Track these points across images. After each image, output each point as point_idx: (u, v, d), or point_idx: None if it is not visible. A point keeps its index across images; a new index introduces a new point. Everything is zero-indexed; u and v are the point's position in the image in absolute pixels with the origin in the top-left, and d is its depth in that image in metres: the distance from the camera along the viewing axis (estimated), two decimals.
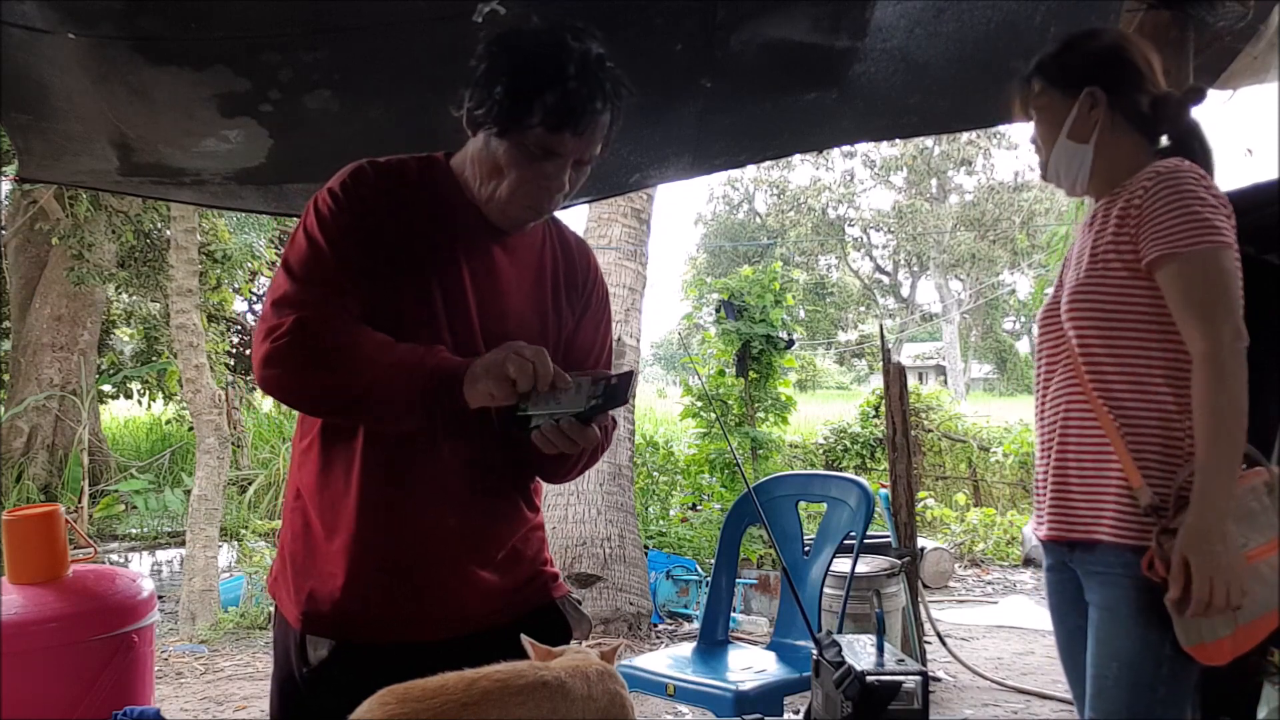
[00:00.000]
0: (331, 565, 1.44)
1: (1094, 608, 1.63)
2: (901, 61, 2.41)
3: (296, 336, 1.34)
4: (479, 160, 1.44)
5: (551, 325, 1.54)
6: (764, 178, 30.70)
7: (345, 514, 1.44)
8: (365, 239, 1.41)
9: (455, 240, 1.46)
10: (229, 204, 3.12)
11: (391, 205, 1.44)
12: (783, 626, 3.20)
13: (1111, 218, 1.61)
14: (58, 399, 9.09)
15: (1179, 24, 2.19)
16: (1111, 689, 1.58)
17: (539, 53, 1.37)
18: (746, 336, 7.88)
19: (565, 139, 1.38)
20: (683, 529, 7.03)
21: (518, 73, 1.36)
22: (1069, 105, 1.67)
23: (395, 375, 1.33)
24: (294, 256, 1.41)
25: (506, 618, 1.47)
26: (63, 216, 8.48)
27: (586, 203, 4.49)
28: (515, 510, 1.53)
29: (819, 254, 32.35)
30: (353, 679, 1.25)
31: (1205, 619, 1.48)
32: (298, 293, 1.37)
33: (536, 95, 1.35)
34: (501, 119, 1.37)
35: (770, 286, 8.01)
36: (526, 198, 1.43)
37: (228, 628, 5.67)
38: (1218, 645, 1.50)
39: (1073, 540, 1.65)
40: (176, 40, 2.17)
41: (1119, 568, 1.57)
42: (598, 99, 1.37)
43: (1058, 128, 1.69)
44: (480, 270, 1.47)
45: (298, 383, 1.38)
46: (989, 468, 9.78)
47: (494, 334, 1.45)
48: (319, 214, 1.42)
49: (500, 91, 1.36)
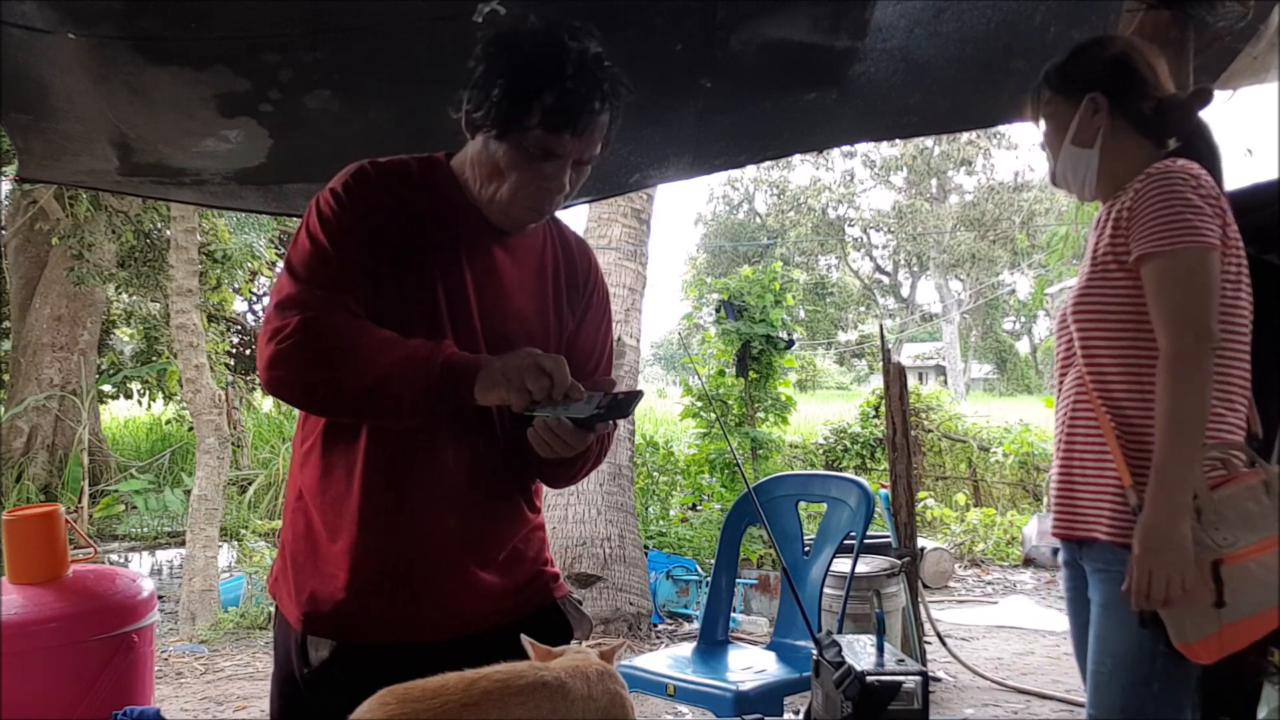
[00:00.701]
0: (333, 566, 1.44)
1: (1093, 604, 1.67)
2: (901, 61, 2.41)
3: (301, 336, 1.33)
4: (479, 162, 1.44)
5: (553, 326, 1.54)
6: (764, 178, 30.72)
7: (347, 515, 1.43)
8: (367, 238, 1.41)
9: (457, 240, 1.46)
10: (229, 204, 3.12)
11: (393, 205, 1.44)
12: (783, 626, 3.20)
13: (1109, 220, 1.64)
14: (58, 399, 9.09)
15: (1179, 24, 2.19)
16: (1107, 684, 1.61)
17: (536, 54, 1.36)
18: (746, 336, 7.88)
19: (564, 140, 1.37)
20: (683, 529, 7.03)
21: (515, 74, 1.36)
22: (1072, 111, 1.70)
23: (404, 370, 1.33)
24: (297, 258, 1.41)
25: (508, 618, 1.47)
26: (63, 216, 8.48)
27: (586, 203, 4.49)
28: (516, 511, 1.53)
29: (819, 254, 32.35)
30: (354, 680, 1.25)
31: (1189, 617, 1.50)
32: (301, 294, 1.37)
33: (535, 97, 1.34)
34: (500, 121, 1.37)
35: (770, 286, 8.01)
36: (527, 199, 1.43)
37: (228, 628, 5.67)
38: (1204, 644, 1.51)
39: (1077, 538, 1.69)
40: (176, 40, 2.17)
41: (1116, 565, 1.59)
42: (596, 99, 1.37)
43: (1064, 133, 1.71)
44: (482, 270, 1.47)
45: (304, 382, 1.37)
46: (989, 468, 9.78)
47: (496, 334, 1.45)
48: (321, 214, 1.41)
49: (498, 94, 1.36)
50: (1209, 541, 1.51)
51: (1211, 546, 1.51)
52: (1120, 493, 1.59)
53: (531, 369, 1.30)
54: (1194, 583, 1.49)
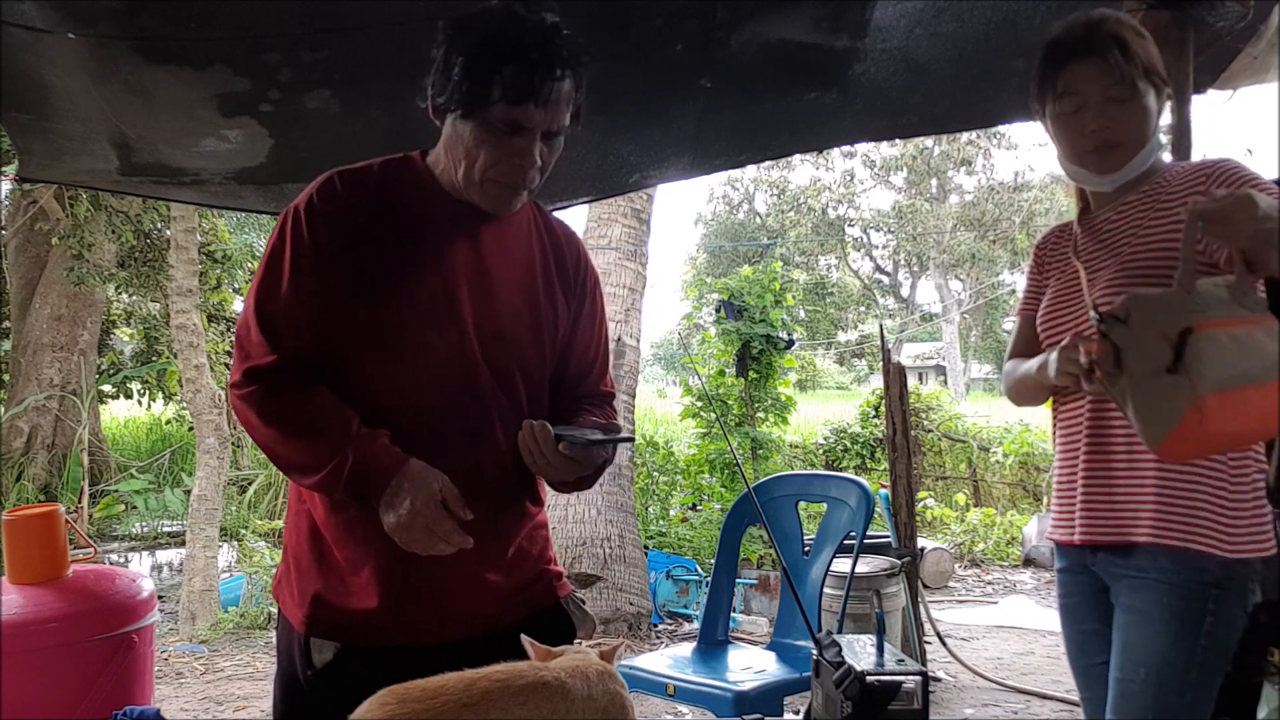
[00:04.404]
0: (336, 568, 1.44)
1: (1122, 610, 1.60)
2: (901, 61, 2.41)
3: (250, 400, 1.41)
4: (450, 146, 1.44)
5: (546, 316, 1.53)
6: (764, 178, 30.68)
7: (349, 518, 1.43)
8: (337, 255, 1.41)
9: (438, 237, 1.46)
10: (229, 204, 3.12)
11: (364, 214, 1.44)
12: (783, 626, 3.20)
13: (1170, 210, 1.58)
14: (58, 399, 9.09)
15: (1179, 24, 2.19)
16: (1138, 694, 1.55)
17: (492, 30, 1.37)
18: (746, 336, 7.87)
19: (529, 111, 1.37)
20: (683, 529, 7.03)
21: (473, 52, 1.36)
22: (1156, 102, 1.62)
23: (319, 462, 1.38)
24: (259, 290, 1.43)
25: (511, 619, 1.46)
26: (63, 216, 8.47)
27: (586, 203, 4.48)
28: (520, 507, 1.53)
29: (819, 254, 32.32)
30: (357, 682, 1.25)
31: (1164, 400, 1.38)
32: (259, 344, 1.41)
33: (494, 71, 1.35)
34: (463, 100, 1.38)
35: (770, 286, 8.01)
36: (501, 175, 1.42)
37: (228, 628, 5.67)
38: (1182, 426, 1.38)
39: (1109, 544, 1.61)
40: (176, 40, 2.17)
41: (1153, 572, 1.54)
42: (556, 67, 1.37)
43: (1152, 121, 1.62)
44: (468, 264, 1.46)
45: (253, 438, 1.47)
46: (989, 468, 9.77)
47: (488, 330, 1.45)
48: (284, 235, 1.42)
49: (458, 73, 1.36)
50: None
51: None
52: (1161, 495, 1.53)
53: (432, 522, 1.35)
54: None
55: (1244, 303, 1.40)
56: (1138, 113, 1.60)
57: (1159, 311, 1.41)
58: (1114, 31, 1.61)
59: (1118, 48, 1.58)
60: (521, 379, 1.49)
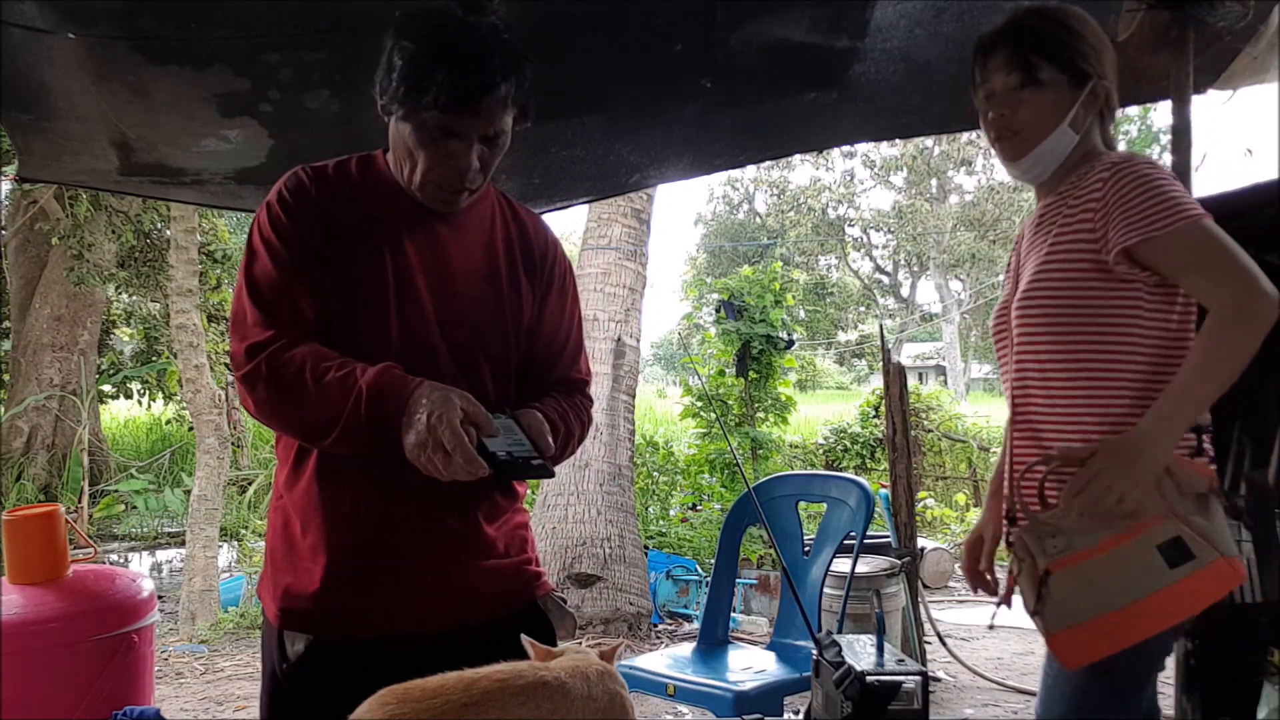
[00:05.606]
0: (306, 561, 1.44)
1: None
2: (901, 61, 2.41)
3: (257, 375, 1.38)
4: (395, 146, 1.46)
5: (509, 302, 1.53)
6: (764, 178, 30.70)
7: (316, 508, 1.44)
8: (309, 243, 1.43)
9: (398, 228, 1.47)
10: (229, 204, 3.12)
11: (330, 205, 1.46)
12: (783, 626, 3.20)
13: (1066, 213, 1.58)
14: (58, 399, 9.09)
15: (1179, 24, 2.19)
16: (1050, 689, 1.60)
17: (429, 35, 1.37)
18: (746, 336, 7.88)
19: (463, 119, 1.38)
20: (683, 529, 7.03)
21: (410, 56, 1.36)
22: (1076, 94, 1.60)
23: (336, 407, 1.34)
24: (247, 276, 1.43)
25: (483, 616, 1.46)
26: (63, 216, 8.48)
27: (586, 203, 4.48)
28: (490, 502, 1.51)
29: (819, 254, 32.32)
30: (329, 674, 1.25)
31: (1053, 609, 1.47)
32: (256, 322, 1.40)
33: (427, 77, 1.35)
34: (400, 104, 1.38)
35: (770, 286, 8.01)
36: (439, 178, 1.43)
37: (227, 628, 5.67)
38: (1060, 638, 1.48)
39: None
40: (176, 40, 2.17)
41: None
42: (489, 76, 1.36)
43: (1063, 113, 1.59)
44: (425, 253, 1.47)
45: (265, 418, 1.43)
46: (989, 468, 9.77)
47: (448, 314, 1.46)
48: (263, 227, 1.44)
49: (396, 77, 1.37)
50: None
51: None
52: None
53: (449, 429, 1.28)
54: (1145, 510, 1.43)
55: (1111, 525, 1.46)
56: (1041, 102, 1.59)
57: (1033, 545, 1.53)
58: (1026, 21, 1.61)
59: (1027, 37, 1.59)
60: (486, 365, 1.49)
